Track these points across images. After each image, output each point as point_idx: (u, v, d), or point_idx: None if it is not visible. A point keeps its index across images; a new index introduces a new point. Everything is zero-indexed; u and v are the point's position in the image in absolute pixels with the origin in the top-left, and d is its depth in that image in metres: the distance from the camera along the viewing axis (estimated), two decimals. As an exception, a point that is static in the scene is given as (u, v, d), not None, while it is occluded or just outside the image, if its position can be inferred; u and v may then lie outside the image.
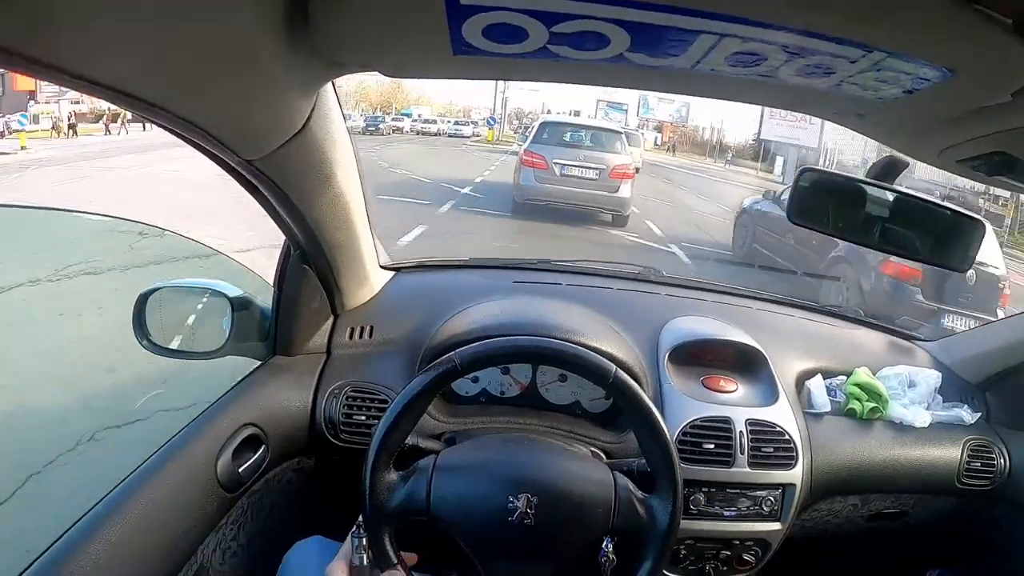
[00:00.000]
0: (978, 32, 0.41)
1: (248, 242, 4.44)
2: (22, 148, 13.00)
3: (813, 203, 0.89)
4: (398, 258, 1.43)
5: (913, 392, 1.32)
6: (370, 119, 31.59)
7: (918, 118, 0.59)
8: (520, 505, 0.78)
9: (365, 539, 0.78)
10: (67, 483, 1.96)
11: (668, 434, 0.82)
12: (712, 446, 1.11)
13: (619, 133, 9.33)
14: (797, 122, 26.57)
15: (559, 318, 1.19)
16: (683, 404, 1.14)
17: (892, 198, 0.86)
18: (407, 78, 0.59)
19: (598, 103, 43.22)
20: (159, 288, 1.10)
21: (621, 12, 0.41)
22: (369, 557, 0.78)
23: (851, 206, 0.87)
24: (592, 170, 8.13)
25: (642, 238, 8.14)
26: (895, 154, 0.81)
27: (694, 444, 1.11)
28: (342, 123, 0.84)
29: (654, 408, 0.82)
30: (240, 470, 0.99)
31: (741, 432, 1.12)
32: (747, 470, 1.11)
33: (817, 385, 1.27)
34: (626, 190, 8.24)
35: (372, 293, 1.29)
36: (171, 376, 2.25)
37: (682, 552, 1.13)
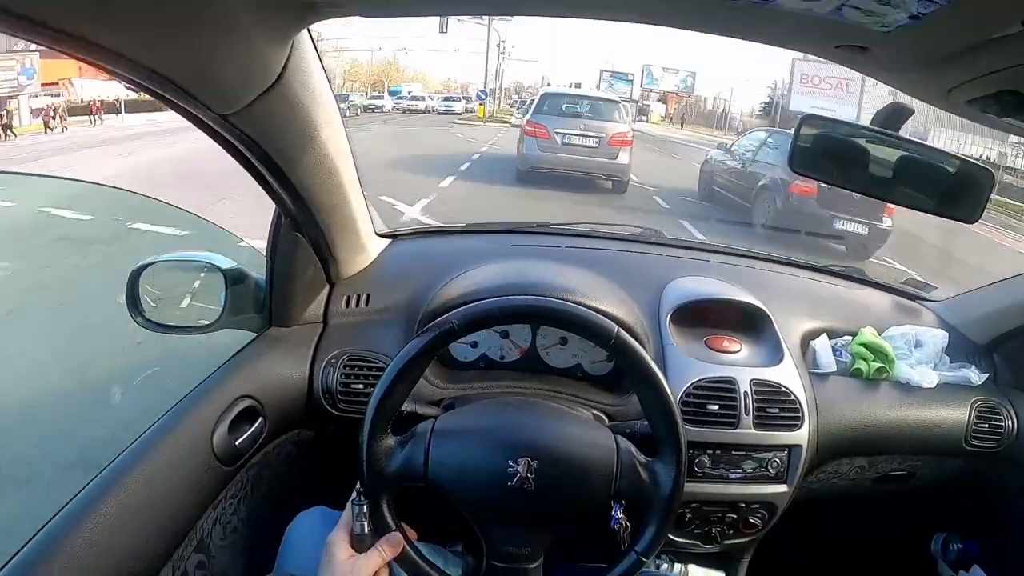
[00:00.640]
0: None
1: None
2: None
3: (816, 152, 0.86)
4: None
5: (920, 352, 1.30)
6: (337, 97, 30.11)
7: (924, 51, 0.56)
8: (520, 469, 0.77)
9: (365, 507, 0.77)
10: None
11: (671, 396, 0.81)
12: (716, 407, 1.09)
13: (617, 103, 9.72)
14: (834, 90, 24.45)
15: (559, 279, 1.17)
16: (686, 365, 1.13)
17: (898, 147, 0.83)
18: (383, 17, 0.57)
19: (601, 73, 39.82)
20: (151, 263, 1.09)
21: None
22: (369, 525, 0.78)
23: (855, 155, 0.84)
24: (592, 138, 8.54)
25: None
26: (900, 101, 0.78)
27: (698, 405, 1.09)
28: (323, 78, 0.81)
29: (657, 369, 0.81)
30: (237, 443, 0.98)
31: (746, 392, 1.10)
32: (752, 431, 1.10)
33: (822, 345, 1.25)
34: (625, 157, 8.64)
35: (368, 261, 1.27)
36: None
37: (687, 515, 1.13)
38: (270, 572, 0.96)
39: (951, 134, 17.05)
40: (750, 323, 1.24)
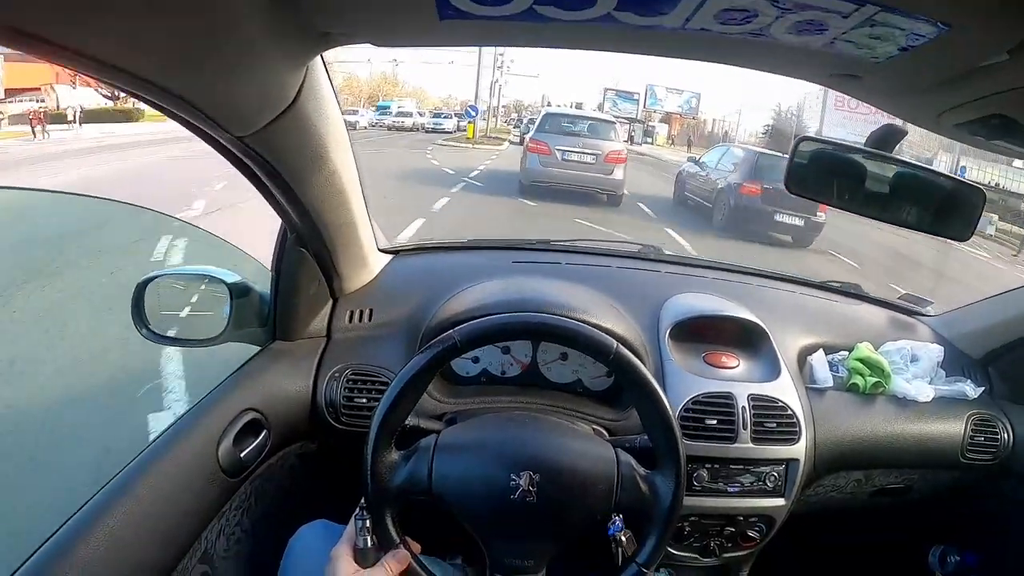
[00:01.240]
0: None
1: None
2: None
3: (811, 173, 0.87)
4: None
5: (916, 367, 1.31)
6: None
7: (914, 79, 0.58)
8: (522, 483, 0.78)
9: (368, 521, 0.78)
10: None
11: (670, 410, 0.82)
12: (715, 422, 1.11)
13: (613, 123, 10.77)
14: (873, 114, 23.05)
15: (559, 295, 1.18)
16: (685, 380, 1.14)
17: (891, 167, 0.85)
18: (395, 46, 0.59)
19: (605, 92, 38.69)
20: (157, 276, 1.10)
21: None
22: (373, 539, 0.78)
23: (849, 176, 0.86)
24: (589, 155, 9.35)
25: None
26: (893, 122, 0.80)
27: (696, 420, 1.10)
28: (334, 101, 0.83)
29: (656, 384, 0.82)
30: (242, 455, 0.99)
31: (743, 407, 1.12)
32: (750, 445, 1.11)
33: (819, 360, 1.26)
34: (619, 173, 9.50)
35: (371, 276, 1.28)
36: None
37: (686, 529, 1.14)
38: None
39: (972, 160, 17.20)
40: (748, 339, 1.26)
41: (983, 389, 1.31)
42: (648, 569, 0.81)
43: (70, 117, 18.07)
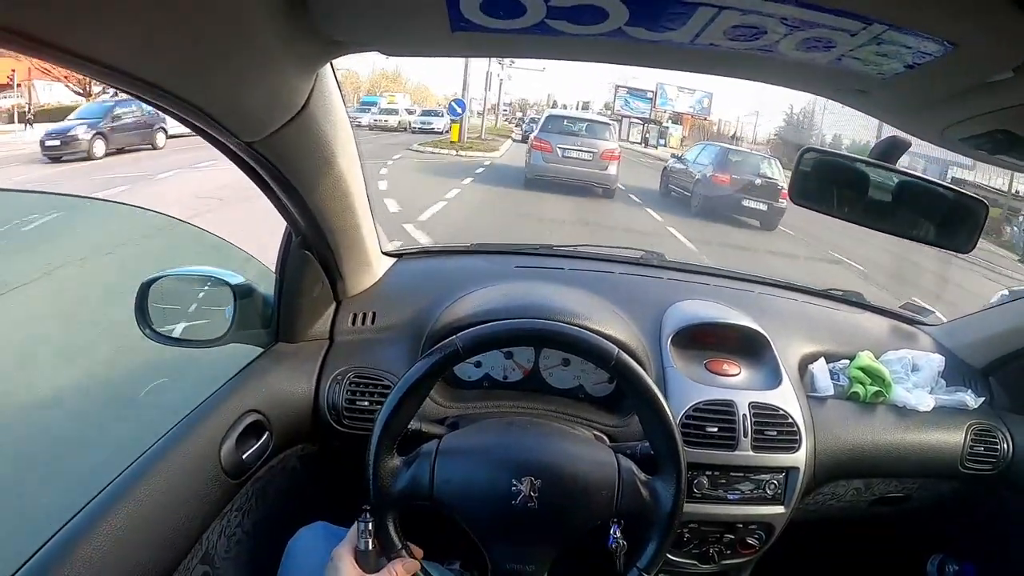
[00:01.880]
0: (978, 4, 0.40)
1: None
2: None
3: (815, 184, 0.88)
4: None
5: (916, 376, 1.31)
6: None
7: (920, 94, 0.59)
8: (523, 488, 0.79)
9: (371, 524, 0.79)
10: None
11: (671, 415, 0.82)
12: (715, 429, 1.11)
13: (608, 125, 12.17)
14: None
15: (561, 301, 1.18)
16: (686, 387, 1.14)
17: (895, 179, 0.85)
18: (406, 56, 0.59)
19: (616, 89, 36.59)
20: (161, 277, 1.10)
21: None
22: (375, 543, 0.79)
23: (853, 187, 0.86)
24: (587, 153, 10.63)
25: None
26: (897, 134, 0.80)
27: (697, 427, 1.11)
28: (342, 106, 0.83)
29: (657, 390, 0.83)
30: (244, 457, 0.99)
31: (744, 415, 1.12)
32: (750, 453, 1.11)
33: (820, 368, 1.26)
34: (613, 169, 10.79)
35: (374, 279, 1.29)
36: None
37: (686, 535, 1.14)
38: None
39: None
40: (749, 347, 1.26)
41: (983, 399, 1.31)
42: (649, 574, 0.82)
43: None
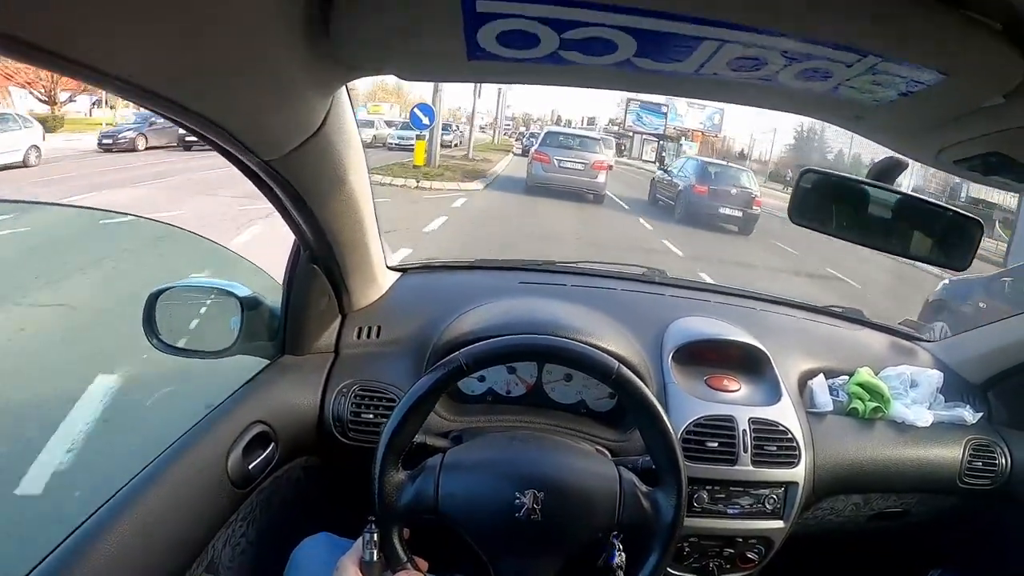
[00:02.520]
0: (968, 36, 0.42)
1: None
2: None
3: (814, 204, 0.90)
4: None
5: (915, 392, 1.33)
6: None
7: (914, 120, 0.61)
8: (527, 501, 0.80)
9: (376, 535, 0.80)
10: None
11: (671, 429, 0.84)
12: (715, 444, 1.12)
13: (599, 140, 14.39)
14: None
15: (564, 317, 1.20)
16: (687, 403, 1.16)
17: (892, 199, 0.87)
18: (422, 81, 0.61)
19: (628, 103, 35.04)
20: (169, 288, 1.12)
21: (628, 20, 0.42)
22: (379, 554, 0.80)
23: (851, 207, 0.88)
24: (580, 164, 12.37)
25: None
26: (895, 155, 0.82)
27: (698, 443, 1.12)
28: (354, 125, 0.85)
29: (657, 403, 0.84)
30: (250, 467, 1.00)
31: (744, 431, 1.13)
32: (750, 468, 1.12)
33: (820, 384, 1.27)
34: (602, 177, 12.53)
35: (379, 293, 1.30)
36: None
37: (685, 549, 1.14)
38: None
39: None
40: (750, 363, 1.27)
41: (982, 414, 1.32)
42: None
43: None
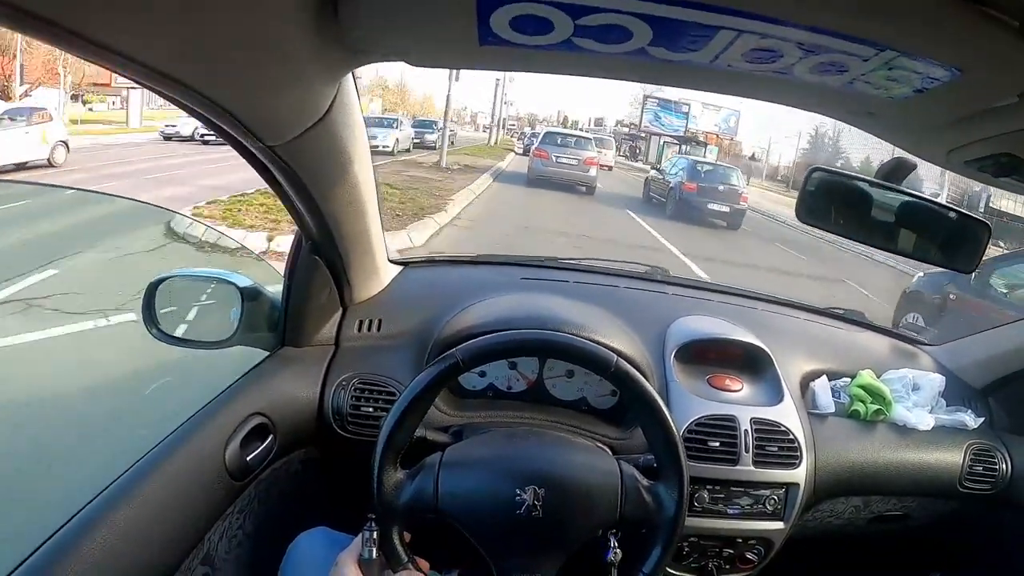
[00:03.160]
0: (984, 33, 0.42)
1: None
2: None
3: (821, 203, 0.89)
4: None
5: (917, 395, 1.32)
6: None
7: (927, 118, 0.60)
8: (527, 498, 0.80)
9: (375, 533, 0.79)
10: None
11: (672, 421, 0.83)
12: (717, 444, 1.12)
13: (590, 139, 15.92)
14: None
15: (565, 313, 1.19)
16: (689, 402, 1.15)
17: (899, 199, 0.87)
18: (432, 67, 0.61)
19: (645, 100, 32.16)
20: (170, 277, 1.11)
21: (645, 6, 0.42)
22: (378, 552, 0.79)
23: (858, 207, 0.88)
24: (574, 160, 13.86)
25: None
26: (903, 155, 0.82)
27: (699, 442, 1.11)
28: (360, 114, 0.85)
29: (657, 396, 0.84)
30: (248, 459, 1.00)
31: (746, 431, 1.13)
32: (751, 468, 1.12)
33: (822, 386, 1.27)
34: (593, 172, 14.09)
35: (381, 286, 1.29)
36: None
37: (685, 549, 1.14)
38: None
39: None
40: (752, 363, 1.27)
41: (983, 419, 1.32)
42: None
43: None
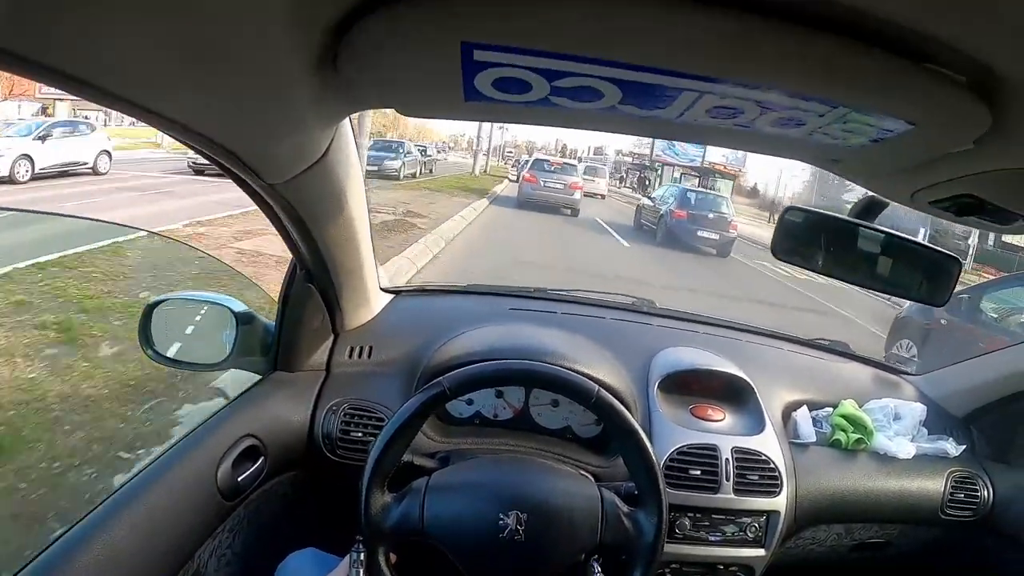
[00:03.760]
0: (933, 89, 0.45)
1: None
2: None
3: (797, 241, 0.93)
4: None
5: (898, 424, 1.35)
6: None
7: (887, 164, 0.63)
8: (510, 522, 0.82)
9: (363, 555, 0.81)
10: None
11: (651, 449, 0.86)
12: (699, 472, 1.13)
13: (575, 165, 16.95)
14: None
15: (550, 344, 1.22)
16: (671, 431, 1.17)
17: (875, 236, 0.90)
18: (421, 117, 0.64)
19: None
20: (166, 299, 1.13)
21: (614, 72, 0.45)
22: (366, 574, 0.81)
23: (834, 244, 0.91)
24: (560, 184, 14.71)
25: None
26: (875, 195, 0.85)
27: (681, 470, 1.13)
28: (355, 153, 0.88)
29: (637, 425, 0.86)
30: (239, 479, 1.01)
31: (727, 459, 1.15)
32: (732, 496, 1.14)
33: (803, 416, 1.29)
34: (577, 195, 14.89)
35: (372, 314, 1.32)
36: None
37: None
38: None
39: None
40: (734, 393, 1.29)
41: (964, 447, 1.34)
42: None
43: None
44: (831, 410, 1.34)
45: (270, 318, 1.18)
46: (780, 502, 1.16)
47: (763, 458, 1.17)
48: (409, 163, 18.68)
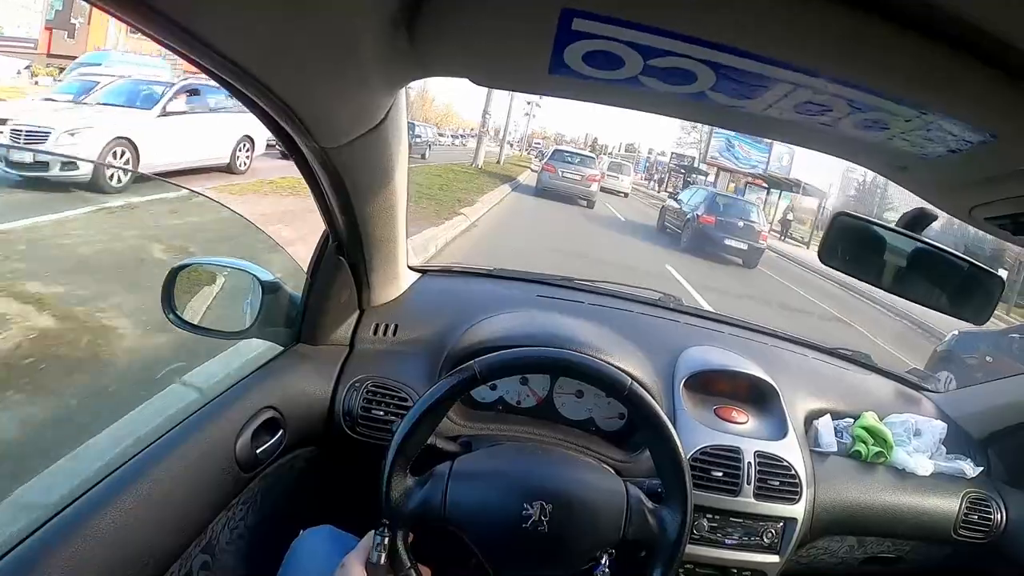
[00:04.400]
0: (1020, 101, 0.44)
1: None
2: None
3: (843, 247, 0.91)
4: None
5: (918, 440, 1.33)
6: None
7: (956, 176, 0.62)
8: (534, 513, 0.81)
9: (386, 539, 0.80)
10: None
11: (680, 446, 0.85)
12: (720, 474, 1.13)
13: (593, 158, 17.37)
14: None
15: (581, 334, 1.21)
16: (695, 431, 1.16)
17: (920, 248, 0.89)
18: (495, 88, 0.62)
19: (713, 131, 23.52)
20: (191, 264, 1.12)
21: (714, 55, 0.44)
22: (386, 557, 0.80)
23: (879, 253, 0.90)
24: (578, 175, 15.25)
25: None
26: (927, 206, 0.83)
27: (703, 471, 1.12)
28: (406, 125, 0.87)
29: (667, 420, 0.85)
30: (258, 451, 1.01)
31: (749, 463, 1.14)
32: (752, 500, 1.13)
33: (825, 424, 1.28)
34: (595, 187, 15.46)
35: (399, 292, 1.31)
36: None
37: None
38: None
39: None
40: (759, 397, 1.28)
41: (981, 469, 1.33)
42: None
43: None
44: (852, 421, 1.33)
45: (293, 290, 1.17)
46: (798, 510, 1.15)
47: (785, 464, 1.16)
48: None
